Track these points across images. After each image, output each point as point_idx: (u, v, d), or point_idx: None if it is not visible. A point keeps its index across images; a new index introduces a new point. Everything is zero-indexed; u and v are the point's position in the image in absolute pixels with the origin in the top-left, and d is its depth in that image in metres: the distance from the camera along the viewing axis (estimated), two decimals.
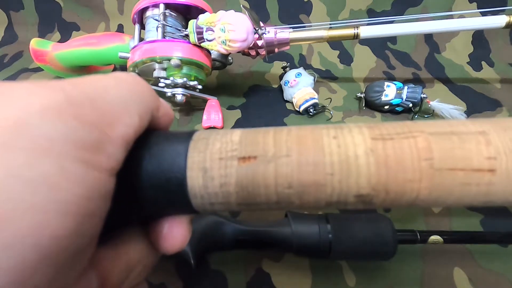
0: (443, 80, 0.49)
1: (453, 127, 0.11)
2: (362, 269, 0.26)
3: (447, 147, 0.11)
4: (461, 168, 0.11)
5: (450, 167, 0.11)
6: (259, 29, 0.33)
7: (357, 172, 0.11)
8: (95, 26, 0.60)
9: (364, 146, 0.11)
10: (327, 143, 0.11)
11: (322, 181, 0.11)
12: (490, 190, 0.11)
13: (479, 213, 0.30)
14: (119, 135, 0.10)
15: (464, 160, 0.11)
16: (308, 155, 0.11)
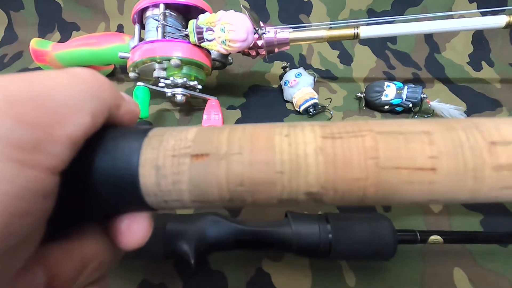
0: (443, 80, 0.49)
1: (400, 126, 0.12)
2: (362, 269, 0.26)
3: (393, 146, 0.11)
4: (405, 167, 0.11)
5: (395, 166, 0.11)
6: (259, 29, 0.33)
7: (306, 170, 0.11)
8: (95, 26, 0.60)
9: (314, 145, 0.11)
10: (279, 141, 0.11)
11: (273, 180, 0.11)
12: (433, 188, 0.11)
13: (479, 213, 0.30)
14: (65, 134, 0.10)
15: (408, 159, 0.11)
16: (260, 153, 0.11)
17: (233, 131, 0.12)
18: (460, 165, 0.11)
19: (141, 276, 0.26)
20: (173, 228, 0.23)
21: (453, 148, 0.11)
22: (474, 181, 0.11)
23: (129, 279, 0.25)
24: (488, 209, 0.30)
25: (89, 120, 0.11)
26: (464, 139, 0.11)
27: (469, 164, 0.10)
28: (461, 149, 0.11)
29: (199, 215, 0.25)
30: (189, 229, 0.23)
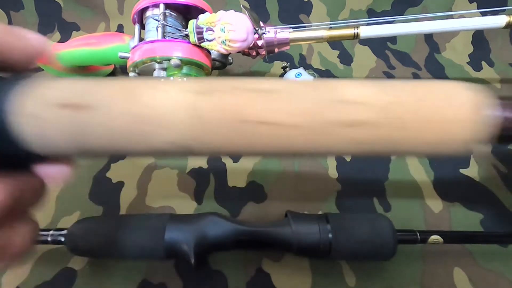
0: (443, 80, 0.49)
1: (261, 85, 0.12)
2: (362, 269, 0.26)
3: (256, 103, 0.12)
4: (267, 122, 0.11)
5: (259, 121, 0.11)
6: (259, 29, 0.33)
7: (174, 123, 0.11)
8: (95, 26, 0.60)
9: (184, 100, 0.12)
10: (150, 94, 0.12)
11: (138, 132, 0.11)
12: (292, 142, 0.12)
13: (479, 213, 0.30)
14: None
15: (271, 113, 0.11)
16: (127, 105, 0.11)
17: (108, 82, 0.12)
18: (316, 120, 0.11)
19: (141, 276, 0.26)
20: (173, 228, 0.23)
21: (310, 105, 0.12)
22: (327, 135, 0.12)
23: (129, 279, 0.25)
24: (488, 209, 0.30)
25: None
26: (319, 97, 0.12)
27: (323, 120, 0.11)
28: (316, 106, 0.12)
29: (199, 215, 0.25)
30: (189, 229, 0.23)
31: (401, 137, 0.12)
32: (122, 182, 0.32)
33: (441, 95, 0.12)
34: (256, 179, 0.33)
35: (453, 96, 0.12)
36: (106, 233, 0.23)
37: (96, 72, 0.49)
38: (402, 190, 0.32)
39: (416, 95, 0.12)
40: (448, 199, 0.31)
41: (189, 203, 0.31)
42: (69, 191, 0.32)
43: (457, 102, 0.12)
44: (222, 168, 0.34)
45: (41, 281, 0.25)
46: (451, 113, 0.12)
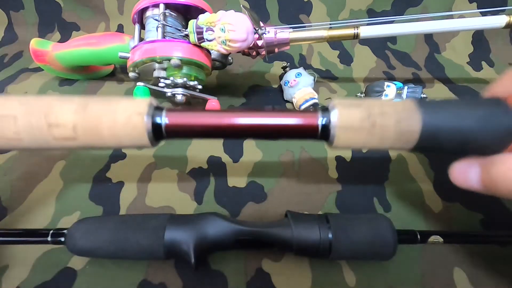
0: (443, 80, 0.49)
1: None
2: (362, 269, 0.26)
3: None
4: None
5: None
6: (259, 29, 0.33)
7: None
8: (95, 26, 0.60)
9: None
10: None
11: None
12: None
13: (479, 213, 0.30)
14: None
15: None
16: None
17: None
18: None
19: (141, 276, 0.26)
20: (173, 228, 0.23)
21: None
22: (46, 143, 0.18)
23: (129, 279, 0.25)
24: (488, 209, 0.30)
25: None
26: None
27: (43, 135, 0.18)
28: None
29: (199, 215, 0.25)
30: (189, 229, 0.23)
31: (93, 141, 0.18)
32: (122, 182, 0.32)
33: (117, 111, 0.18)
34: (256, 179, 0.33)
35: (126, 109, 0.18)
36: (106, 233, 0.23)
37: (96, 72, 0.49)
38: (402, 190, 0.32)
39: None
40: (448, 199, 0.31)
41: (189, 203, 0.31)
42: (69, 191, 0.32)
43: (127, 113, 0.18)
44: (222, 168, 0.34)
45: (41, 281, 0.25)
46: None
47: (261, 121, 0.19)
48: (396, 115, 0.18)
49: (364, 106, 0.18)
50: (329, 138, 0.19)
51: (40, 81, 0.48)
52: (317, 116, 0.18)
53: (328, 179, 0.33)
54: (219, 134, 0.19)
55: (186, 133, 0.19)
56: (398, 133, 0.18)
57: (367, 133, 0.18)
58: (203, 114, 0.19)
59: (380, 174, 0.33)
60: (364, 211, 0.30)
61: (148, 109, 0.18)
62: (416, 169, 0.34)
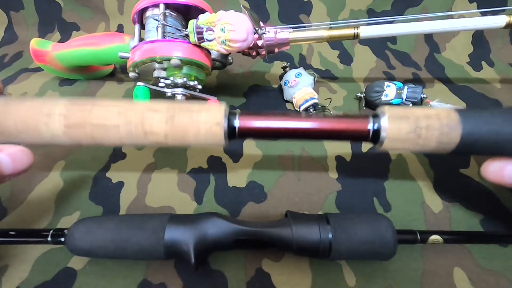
0: (443, 80, 0.49)
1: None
2: (362, 269, 0.26)
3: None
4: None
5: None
6: (259, 29, 0.33)
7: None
8: (95, 26, 0.60)
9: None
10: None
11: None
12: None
13: (479, 213, 0.30)
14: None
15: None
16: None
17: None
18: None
19: (141, 276, 0.26)
20: (173, 228, 0.23)
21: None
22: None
23: (129, 279, 0.25)
24: (488, 209, 0.30)
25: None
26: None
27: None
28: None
29: (199, 215, 0.25)
30: (189, 229, 0.23)
31: (180, 144, 0.22)
32: (122, 182, 0.32)
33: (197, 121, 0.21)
34: (256, 179, 0.33)
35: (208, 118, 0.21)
36: (106, 233, 0.23)
37: (96, 72, 0.49)
38: (402, 190, 0.32)
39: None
40: (448, 199, 0.31)
41: (189, 203, 0.31)
42: (69, 191, 0.32)
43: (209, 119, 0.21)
44: (222, 168, 0.34)
45: (41, 281, 0.25)
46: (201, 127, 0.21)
47: (320, 125, 0.22)
48: (440, 129, 0.21)
49: (412, 119, 0.21)
50: (378, 143, 0.22)
51: (40, 81, 0.48)
52: (368, 122, 0.22)
53: (328, 179, 0.33)
54: (283, 136, 0.22)
55: (255, 135, 0.22)
56: (439, 143, 0.21)
57: (412, 142, 0.21)
58: (270, 118, 0.22)
59: (380, 174, 0.33)
60: (364, 211, 0.30)
61: (224, 117, 0.21)
62: (416, 169, 0.34)
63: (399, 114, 0.21)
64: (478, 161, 0.34)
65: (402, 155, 0.35)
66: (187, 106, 0.21)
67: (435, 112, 0.21)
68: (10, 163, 0.21)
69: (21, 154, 0.22)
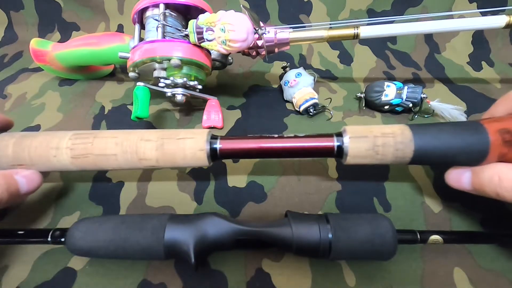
0: (443, 80, 0.49)
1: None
2: (362, 269, 0.26)
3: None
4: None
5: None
6: (259, 29, 0.33)
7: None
8: (95, 26, 0.60)
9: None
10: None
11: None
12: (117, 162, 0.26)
13: (479, 213, 0.30)
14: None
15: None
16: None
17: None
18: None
19: (141, 276, 0.26)
20: (173, 228, 0.23)
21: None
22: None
23: (129, 279, 0.25)
24: (488, 209, 0.30)
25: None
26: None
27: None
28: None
29: (199, 215, 0.25)
30: (189, 229, 0.23)
31: (169, 165, 0.26)
32: (122, 182, 0.32)
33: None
34: (256, 179, 0.33)
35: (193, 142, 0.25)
36: (106, 233, 0.23)
37: (96, 72, 0.49)
38: (402, 190, 0.32)
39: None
40: (448, 199, 0.31)
41: (189, 203, 0.31)
42: (69, 191, 0.32)
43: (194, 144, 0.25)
44: (222, 168, 0.34)
45: (41, 281, 0.25)
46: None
47: (291, 145, 0.26)
48: (395, 145, 0.24)
49: (370, 138, 0.24)
50: (342, 158, 0.26)
51: (40, 81, 0.48)
52: (333, 141, 0.25)
53: (328, 179, 0.33)
54: (258, 155, 0.26)
55: (235, 155, 0.26)
56: (395, 157, 0.24)
57: (371, 158, 0.24)
58: (247, 140, 0.26)
59: (380, 174, 0.33)
60: (364, 211, 0.30)
61: (207, 143, 0.25)
62: (416, 169, 0.34)
63: (359, 134, 0.24)
64: None
65: None
66: (175, 134, 0.25)
67: (390, 130, 0.24)
68: (25, 184, 0.24)
69: (34, 176, 0.25)
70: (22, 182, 0.24)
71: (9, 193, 0.23)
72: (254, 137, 0.26)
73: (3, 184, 0.23)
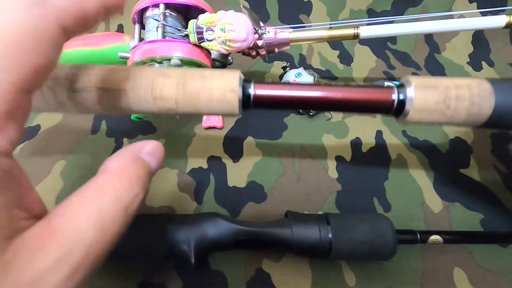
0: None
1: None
2: (362, 269, 0.26)
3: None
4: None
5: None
6: (259, 29, 0.33)
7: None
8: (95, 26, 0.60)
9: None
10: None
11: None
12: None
13: (479, 213, 0.30)
14: None
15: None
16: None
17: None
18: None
19: (141, 276, 0.26)
20: (173, 228, 0.23)
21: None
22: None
23: (129, 279, 0.25)
24: (488, 209, 0.30)
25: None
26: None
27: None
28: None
29: (199, 215, 0.25)
30: (189, 229, 0.23)
31: (191, 111, 0.20)
32: None
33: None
34: (256, 179, 0.33)
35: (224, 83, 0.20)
36: None
37: None
38: (402, 190, 0.32)
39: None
40: (448, 199, 0.31)
41: (189, 203, 0.31)
42: (69, 191, 0.32)
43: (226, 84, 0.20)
44: (222, 168, 0.34)
45: None
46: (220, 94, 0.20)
47: (338, 94, 0.20)
48: (471, 99, 0.19)
49: (441, 88, 0.19)
50: (402, 115, 0.20)
51: None
52: (393, 92, 0.20)
53: (328, 179, 0.33)
54: (300, 105, 0.21)
55: (271, 103, 0.21)
56: (469, 114, 0.19)
57: (440, 114, 0.19)
58: (286, 87, 0.21)
59: (380, 174, 0.33)
60: (364, 211, 0.30)
61: (239, 84, 0.20)
62: (416, 169, 0.34)
63: (427, 83, 0.19)
64: (478, 161, 0.34)
65: (402, 155, 0.35)
66: (200, 72, 0.21)
67: (465, 82, 0.20)
68: (154, 163, 0.19)
69: (159, 149, 0.19)
70: (152, 163, 0.18)
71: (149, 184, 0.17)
72: (294, 83, 0.22)
73: (143, 174, 0.16)
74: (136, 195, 0.14)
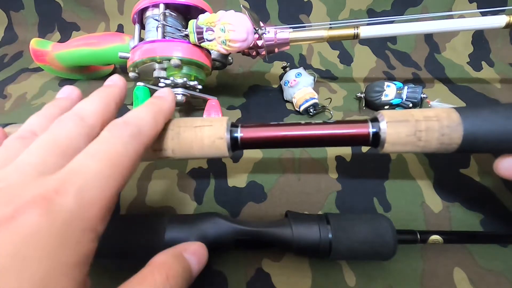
0: (443, 80, 0.49)
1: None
2: (362, 269, 0.26)
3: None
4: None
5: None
6: (259, 29, 0.33)
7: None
8: (95, 26, 0.60)
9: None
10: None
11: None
12: None
13: (479, 213, 0.30)
14: None
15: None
16: None
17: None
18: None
19: None
20: (173, 228, 0.23)
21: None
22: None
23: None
24: (488, 209, 0.30)
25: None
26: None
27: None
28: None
29: (199, 215, 0.25)
30: (189, 229, 0.23)
31: (186, 156, 0.23)
32: None
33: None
34: (256, 179, 0.33)
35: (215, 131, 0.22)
36: (106, 233, 0.23)
37: (96, 72, 0.49)
38: (402, 190, 0.32)
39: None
40: (448, 199, 0.31)
41: (189, 203, 0.31)
42: None
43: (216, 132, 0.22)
44: (222, 168, 0.34)
45: None
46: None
47: (319, 132, 0.22)
48: (441, 130, 0.20)
49: (411, 122, 0.21)
50: (379, 145, 0.22)
51: (40, 81, 0.48)
52: (368, 126, 0.22)
53: (328, 179, 0.33)
54: (284, 144, 0.23)
55: (257, 144, 0.23)
56: (440, 144, 0.21)
57: (413, 145, 0.21)
58: (270, 128, 0.23)
59: (380, 174, 0.33)
60: (364, 211, 0.30)
61: (227, 131, 0.22)
62: (416, 169, 0.34)
63: (398, 117, 0.21)
64: (478, 161, 0.34)
65: (402, 155, 0.35)
66: (191, 122, 0.23)
67: (434, 113, 0.21)
68: (196, 264, 0.19)
69: (202, 250, 0.20)
70: (193, 261, 0.19)
71: (188, 281, 0.18)
72: (278, 124, 0.23)
73: (181, 272, 0.17)
74: (171, 287, 0.16)
